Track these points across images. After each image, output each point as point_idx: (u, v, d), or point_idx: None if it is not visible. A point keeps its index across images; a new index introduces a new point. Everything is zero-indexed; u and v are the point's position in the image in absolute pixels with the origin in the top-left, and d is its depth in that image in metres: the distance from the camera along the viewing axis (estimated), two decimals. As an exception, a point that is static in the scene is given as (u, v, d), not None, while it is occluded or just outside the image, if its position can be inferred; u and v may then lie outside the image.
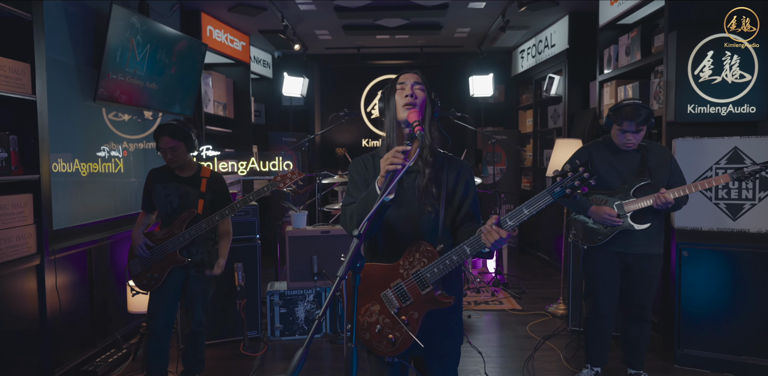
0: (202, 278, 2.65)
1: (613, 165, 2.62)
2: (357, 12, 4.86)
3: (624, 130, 2.51)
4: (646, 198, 2.48)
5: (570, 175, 1.32)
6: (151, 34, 3.56)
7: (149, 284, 2.61)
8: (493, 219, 1.39)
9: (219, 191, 2.69)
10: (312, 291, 3.56)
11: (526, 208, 1.37)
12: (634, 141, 2.53)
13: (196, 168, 2.70)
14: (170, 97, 3.99)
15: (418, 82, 1.59)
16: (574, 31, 4.94)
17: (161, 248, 2.59)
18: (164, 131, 2.53)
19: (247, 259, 3.48)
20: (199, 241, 2.62)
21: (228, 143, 5.83)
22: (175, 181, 2.63)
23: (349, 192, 1.66)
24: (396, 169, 1.37)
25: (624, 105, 2.52)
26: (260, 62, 6.55)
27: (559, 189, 1.33)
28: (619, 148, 2.62)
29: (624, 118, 2.48)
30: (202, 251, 2.64)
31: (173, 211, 2.61)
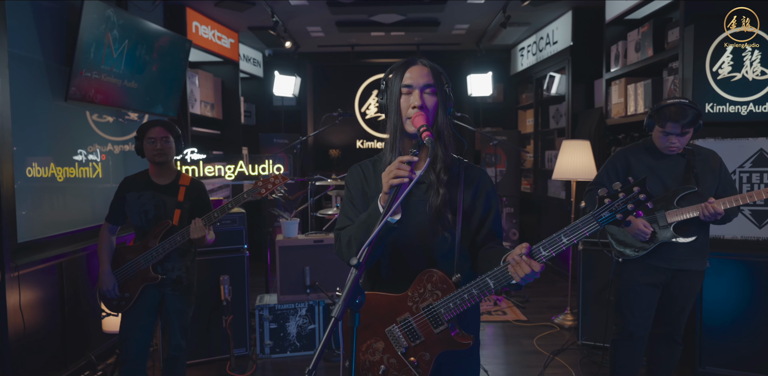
0: (180, 296, 2.40)
1: (654, 171, 2.33)
2: (351, 7, 4.62)
3: (667, 132, 2.23)
4: (692, 208, 2.22)
5: (622, 197, 1.08)
6: (129, 28, 3.30)
7: (119, 304, 2.35)
8: (524, 248, 1.15)
9: (198, 200, 2.44)
10: (304, 305, 3.32)
11: (565, 235, 1.13)
12: (679, 145, 2.25)
13: (174, 175, 2.45)
14: (152, 96, 3.72)
15: (428, 85, 1.32)
16: (578, 28, 4.72)
17: (133, 264, 2.34)
18: (158, 122, 2.38)
19: (234, 271, 3.23)
20: (176, 255, 2.37)
21: (216, 145, 5.57)
22: (150, 190, 2.38)
23: (345, 211, 1.41)
24: (401, 183, 1.12)
25: (668, 104, 2.22)
26: (250, 61, 6.28)
27: (607, 214, 1.09)
28: (661, 153, 2.34)
29: (668, 119, 2.19)
30: (179, 267, 2.39)
31: (148, 222, 2.36)
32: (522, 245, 1.18)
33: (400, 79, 1.33)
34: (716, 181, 2.33)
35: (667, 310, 2.42)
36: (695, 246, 2.31)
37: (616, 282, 2.49)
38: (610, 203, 1.11)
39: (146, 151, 2.35)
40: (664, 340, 2.47)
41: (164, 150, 2.33)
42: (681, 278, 2.36)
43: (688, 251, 2.31)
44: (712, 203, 2.15)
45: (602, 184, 2.42)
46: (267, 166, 4.04)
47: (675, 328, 2.43)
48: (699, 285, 2.43)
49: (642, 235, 2.26)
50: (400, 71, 1.34)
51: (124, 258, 2.37)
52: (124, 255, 2.38)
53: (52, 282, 2.81)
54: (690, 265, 2.34)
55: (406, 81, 1.33)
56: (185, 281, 2.40)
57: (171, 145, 2.36)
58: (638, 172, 2.35)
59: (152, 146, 2.33)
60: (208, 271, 3.16)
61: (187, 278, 2.41)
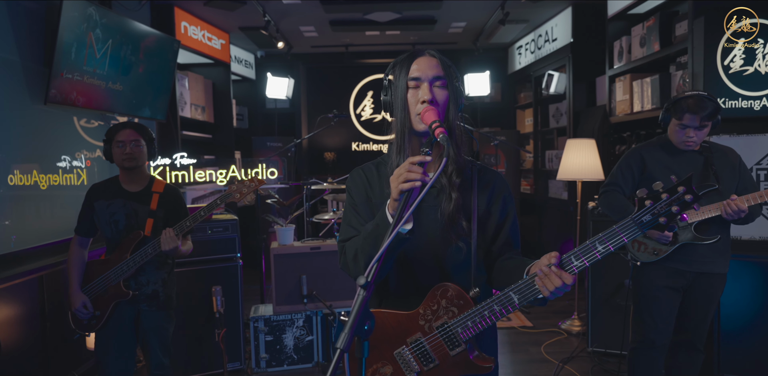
0: (157, 312, 2.21)
1: (670, 168, 2.21)
2: (345, 5, 4.48)
3: (685, 125, 2.11)
4: (713, 206, 2.11)
5: (665, 198, 0.94)
6: (112, 27, 3.14)
7: (90, 323, 2.16)
8: (553, 258, 1.01)
9: (174, 208, 2.25)
10: (301, 315, 3.16)
11: (600, 243, 0.99)
12: (696, 139, 2.13)
13: (147, 181, 2.26)
14: (139, 99, 3.56)
15: (438, 77, 1.18)
16: (579, 24, 4.61)
17: (102, 280, 2.15)
18: (127, 124, 2.21)
19: (227, 281, 3.07)
20: (150, 268, 2.19)
21: (207, 150, 5.40)
22: (121, 197, 2.20)
23: (348, 220, 1.25)
24: (413, 188, 0.98)
25: (686, 96, 2.11)
26: (242, 62, 6.13)
27: (649, 217, 0.95)
28: (676, 149, 2.22)
29: (685, 111, 2.08)
30: (155, 281, 2.20)
31: (118, 233, 2.18)
32: (550, 254, 1.03)
33: (407, 71, 1.19)
34: (736, 178, 2.21)
35: (689, 316, 2.27)
36: (718, 247, 2.18)
37: (635, 287, 2.35)
38: (652, 206, 0.96)
39: (115, 155, 2.18)
40: (684, 348, 2.33)
41: (134, 154, 2.15)
42: (703, 281, 2.23)
43: (711, 253, 2.18)
44: (734, 200, 2.03)
45: (617, 185, 2.30)
46: (260, 170, 3.89)
47: (697, 335, 2.29)
48: (721, 289, 2.29)
49: (664, 238, 2.13)
50: (406, 63, 1.20)
51: (93, 273, 2.18)
52: (94, 270, 2.19)
53: (33, 297, 2.64)
54: (712, 267, 2.20)
55: (414, 73, 1.18)
56: (162, 296, 2.21)
57: (142, 148, 2.18)
58: (654, 171, 2.24)
59: (121, 150, 2.15)
60: (199, 281, 3.00)
61: (164, 292, 2.22)
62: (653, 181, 2.17)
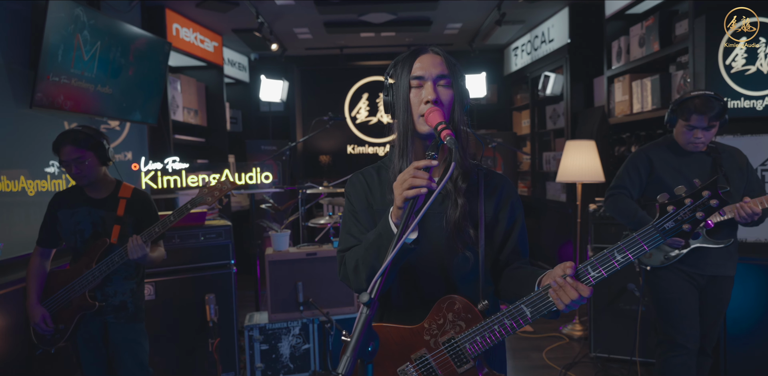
0: (125, 325, 2.09)
1: (679, 170, 2.16)
2: (339, 6, 4.41)
3: (692, 125, 2.07)
4: (726, 209, 2.06)
5: (688, 204, 0.87)
6: (101, 29, 3.06)
7: (54, 338, 2.03)
8: (568, 268, 0.94)
9: (144, 214, 2.13)
10: (297, 323, 3.07)
11: (620, 252, 0.92)
12: (704, 140, 2.09)
13: (112, 186, 2.14)
14: (129, 102, 3.48)
15: (442, 75, 1.11)
16: (575, 25, 4.56)
17: (66, 291, 2.03)
18: (65, 139, 1.98)
19: (221, 289, 2.98)
20: (118, 278, 2.08)
21: (201, 154, 5.32)
22: (86, 205, 2.08)
23: (347, 228, 1.18)
24: (418, 195, 0.91)
25: (692, 97, 2.08)
26: (235, 65, 6.05)
27: (671, 224, 0.89)
28: (683, 150, 2.17)
29: (693, 112, 2.04)
30: (123, 291, 2.08)
31: (84, 243, 2.06)
32: (565, 264, 0.96)
33: (409, 70, 1.12)
34: (744, 180, 2.17)
35: (704, 321, 2.22)
36: (728, 250, 2.14)
37: (652, 293, 2.26)
38: (675, 212, 0.90)
39: (66, 172, 2.03)
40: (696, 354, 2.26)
41: (82, 173, 2.00)
42: (714, 285, 2.19)
43: (724, 256, 2.14)
44: (748, 203, 1.98)
45: (625, 187, 2.25)
46: (254, 174, 3.80)
47: (708, 339, 2.23)
48: (730, 292, 2.24)
49: (677, 242, 2.08)
50: (408, 62, 1.13)
51: (56, 284, 2.05)
52: (57, 281, 2.06)
53: (18, 308, 2.55)
54: (723, 270, 2.16)
55: (417, 72, 1.11)
56: (131, 307, 2.09)
57: (88, 164, 2.00)
58: (663, 173, 2.18)
59: (68, 170, 2.00)
60: (192, 289, 2.91)
61: (133, 304, 2.10)
62: (661, 183, 2.20)
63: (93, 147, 2.02)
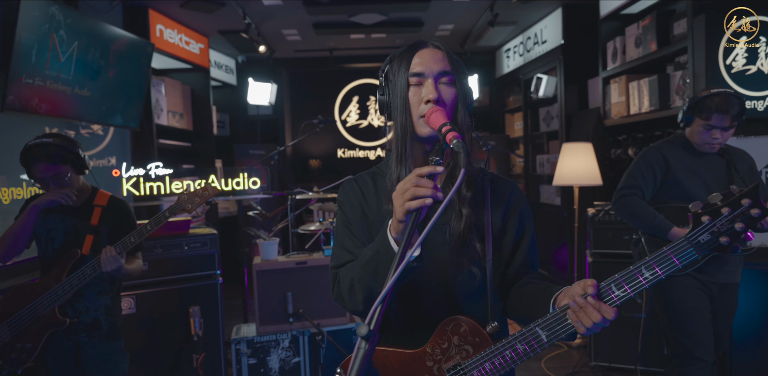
0: (99, 344, 1.94)
1: (695, 172, 2.07)
2: (329, 6, 4.30)
3: (712, 125, 1.97)
4: None
5: (726, 213, 0.77)
6: (78, 29, 2.92)
7: (20, 358, 1.88)
8: (590, 286, 0.83)
9: (120, 224, 2.00)
10: (287, 335, 2.94)
11: (648, 269, 0.81)
12: (721, 140, 2.00)
13: (88, 193, 2.00)
14: (109, 106, 3.33)
15: (444, 72, 1.00)
16: (569, 26, 4.49)
17: (33, 307, 1.87)
18: (38, 156, 1.81)
19: (206, 300, 2.84)
20: (90, 293, 1.93)
21: (187, 158, 5.17)
22: (58, 212, 1.94)
23: (340, 241, 1.06)
24: (422, 206, 0.79)
25: (711, 94, 1.98)
26: (222, 68, 5.92)
27: (707, 237, 0.78)
28: (697, 151, 2.08)
29: (714, 111, 1.95)
30: (96, 307, 1.93)
31: (54, 253, 1.92)
32: (585, 281, 0.85)
33: (407, 66, 1.01)
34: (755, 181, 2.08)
35: (715, 329, 2.13)
36: (741, 257, 2.08)
37: (664, 302, 2.13)
38: (710, 223, 0.79)
39: (41, 188, 1.89)
40: None
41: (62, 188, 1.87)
42: (724, 292, 2.11)
43: (736, 263, 2.06)
44: None
45: (638, 187, 2.12)
46: (241, 179, 3.67)
47: (717, 348, 2.14)
48: (737, 299, 2.16)
49: None
50: (406, 57, 1.02)
51: (23, 299, 1.90)
52: (24, 296, 1.91)
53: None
54: (734, 277, 2.08)
55: (416, 68, 1.00)
56: (105, 325, 1.94)
57: (67, 179, 1.87)
58: (679, 173, 2.07)
59: (43, 187, 1.87)
60: (175, 302, 2.77)
61: (107, 321, 1.95)
62: (677, 184, 2.08)
63: (69, 160, 1.88)
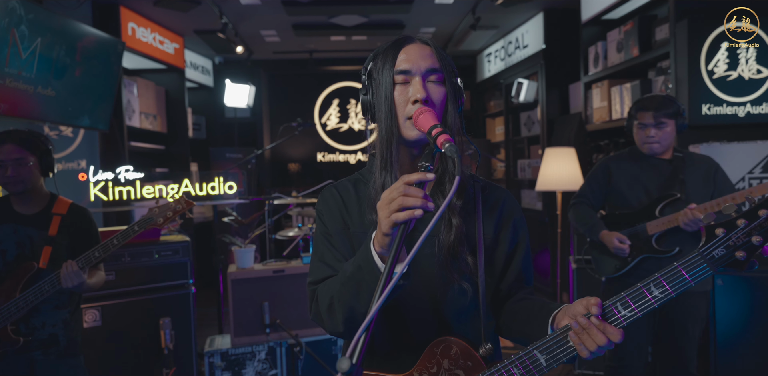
0: (57, 362, 1.79)
1: (637, 178, 2.16)
2: (309, 7, 4.21)
3: (644, 123, 2.08)
4: (673, 217, 2.00)
5: (742, 226, 0.71)
6: (42, 24, 2.76)
7: None
8: (593, 305, 0.75)
9: (81, 235, 1.86)
10: (264, 347, 2.81)
11: (657, 286, 0.75)
12: (658, 138, 2.06)
13: (46, 200, 1.85)
14: (75, 106, 3.17)
15: (433, 70, 0.93)
16: (550, 30, 4.49)
17: None
18: (7, 137, 1.74)
19: (178, 311, 2.70)
20: (48, 308, 1.78)
21: (160, 162, 4.99)
22: (11, 222, 1.79)
23: (320, 254, 0.97)
24: (411, 218, 0.71)
25: (642, 98, 2.16)
26: (198, 69, 5.76)
27: (722, 251, 0.72)
28: (645, 157, 2.16)
29: (640, 109, 2.09)
30: (53, 323, 1.79)
31: (6, 266, 1.77)
32: (588, 300, 0.78)
33: (392, 63, 0.93)
34: (709, 187, 2.10)
35: (674, 338, 2.11)
36: None
37: None
38: (725, 236, 0.73)
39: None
40: (677, 372, 2.15)
41: (20, 177, 1.73)
42: (681, 300, 2.08)
43: None
44: (692, 209, 1.93)
45: (586, 197, 2.27)
46: (217, 184, 3.54)
47: (686, 358, 2.12)
48: (704, 307, 2.15)
49: (620, 251, 2.07)
50: (391, 53, 0.94)
51: None
52: None
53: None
54: None
55: (402, 65, 0.92)
56: (63, 341, 1.80)
57: (29, 167, 1.74)
58: (619, 181, 2.19)
59: (1, 172, 1.72)
60: (144, 313, 2.63)
61: (65, 336, 1.81)
62: (619, 192, 2.19)
63: (38, 151, 1.78)
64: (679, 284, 0.74)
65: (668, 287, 0.75)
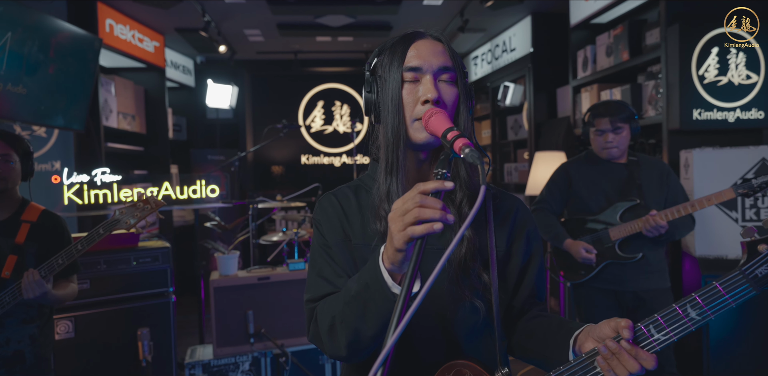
0: None
1: (595, 182, 2.18)
2: (294, 6, 4.11)
3: (601, 130, 2.12)
4: (636, 223, 2.03)
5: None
6: (12, 18, 2.62)
7: None
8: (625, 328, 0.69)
9: (51, 244, 1.74)
10: (248, 357, 2.70)
11: (695, 307, 0.68)
12: (616, 143, 2.10)
13: (16, 206, 1.74)
14: (48, 105, 3.02)
15: (445, 68, 0.85)
16: (538, 34, 4.47)
17: None
18: None
19: (157, 321, 2.57)
20: (12, 322, 1.66)
21: (139, 164, 4.83)
22: None
23: (317, 269, 0.88)
24: (430, 232, 0.63)
25: (596, 104, 2.22)
26: (179, 68, 5.60)
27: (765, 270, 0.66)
28: (602, 161, 2.19)
29: (597, 115, 2.12)
30: (18, 338, 1.66)
31: None
32: (618, 322, 0.71)
33: (401, 59, 0.85)
34: (664, 192, 2.13)
35: None
36: (646, 266, 2.09)
37: (577, 309, 2.27)
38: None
39: None
40: (657, 372, 2.14)
41: (3, 174, 1.65)
42: (646, 299, 2.11)
43: (640, 271, 2.09)
44: (654, 216, 1.95)
45: (547, 202, 2.28)
46: (198, 187, 3.41)
47: (664, 358, 2.11)
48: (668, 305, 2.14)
49: (587, 261, 2.08)
50: (400, 48, 0.86)
51: None
52: None
53: None
54: (648, 284, 2.10)
55: (412, 62, 0.85)
56: (30, 359, 1.67)
57: (13, 166, 1.67)
58: (579, 186, 2.21)
59: None
60: (122, 324, 2.49)
61: (32, 353, 1.68)
62: (579, 196, 2.19)
63: (22, 151, 1.71)
64: (719, 306, 0.68)
65: (706, 309, 0.68)
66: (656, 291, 2.12)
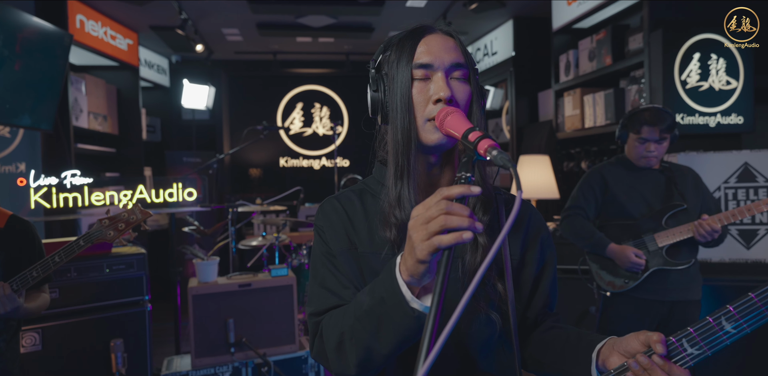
0: None
1: (634, 187, 2.10)
2: (275, 5, 4.02)
3: (645, 138, 2.03)
4: (684, 228, 1.97)
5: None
6: (-24, 11, 2.46)
7: None
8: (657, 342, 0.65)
9: (20, 252, 1.62)
10: (228, 368, 2.59)
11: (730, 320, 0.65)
12: (657, 153, 2.03)
13: None
14: (14, 103, 2.86)
15: (458, 65, 0.80)
16: (520, 38, 4.49)
17: None
18: None
19: (132, 331, 2.45)
20: None
21: (110, 166, 4.64)
22: None
23: (321, 279, 0.82)
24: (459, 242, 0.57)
25: (642, 110, 2.07)
26: (154, 67, 5.43)
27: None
28: (637, 167, 2.12)
29: (644, 123, 2.02)
30: None
31: None
32: (648, 335, 0.67)
33: (410, 55, 0.80)
34: (699, 198, 2.10)
35: None
36: (690, 272, 2.04)
37: (603, 320, 2.16)
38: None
39: None
40: None
41: None
42: (679, 311, 2.05)
43: (686, 278, 2.03)
44: (707, 220, 1.91)
45: (581, 208, 2.17)
46: (175, 190, 3.28)
47: None
48: (698, 318, 2.11)
49: (636, 267, 1.99)
50: (409, 44, 0.81)
51: None
52: None
53: None
54: (686, 294, 2.04)
55: (422, 58, 0.79)
56: (6, 360, 1.57)
57: None
58: (617, 190, 2.12)
59: None
60: (93, 334, 2.36)
61: (6, 356, 1.58)
62: (616, 202, 2.11)
63: None
64: (754, 318, 0.64)
65: (742, 321, 0.64)
66: (689, 303, 2.04)
